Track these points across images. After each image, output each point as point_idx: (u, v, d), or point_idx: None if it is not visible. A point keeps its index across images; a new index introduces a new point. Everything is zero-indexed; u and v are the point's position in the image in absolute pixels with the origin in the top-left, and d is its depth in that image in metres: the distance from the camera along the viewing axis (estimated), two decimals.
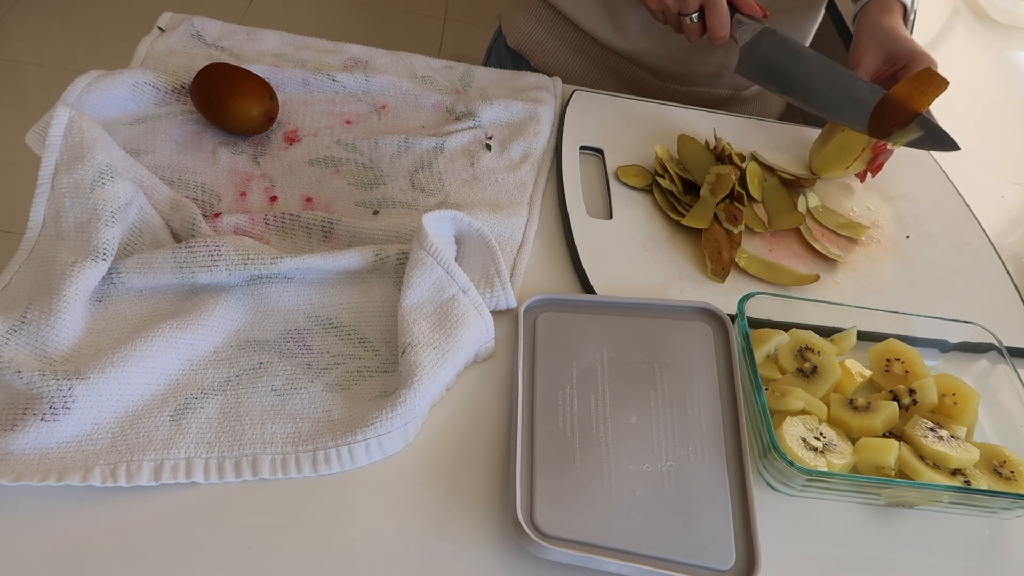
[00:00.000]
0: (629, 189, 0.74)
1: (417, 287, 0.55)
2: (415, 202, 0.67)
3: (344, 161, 0.70)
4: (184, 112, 0.70)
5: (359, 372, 0.55)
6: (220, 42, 0.79)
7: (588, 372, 0.56)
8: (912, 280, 0.72)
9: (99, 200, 0.55)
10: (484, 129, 0.75)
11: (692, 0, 0.72)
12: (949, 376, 0.59)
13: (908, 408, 0.57)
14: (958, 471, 0.54)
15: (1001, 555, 0.54)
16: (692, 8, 0.72)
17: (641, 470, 0.51)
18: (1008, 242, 0.83)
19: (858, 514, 0.54)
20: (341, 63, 0.80)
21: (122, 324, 0.54)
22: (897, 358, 0.61)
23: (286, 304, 0.57)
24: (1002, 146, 0.98)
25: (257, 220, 0.62)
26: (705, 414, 0.55)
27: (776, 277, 0.68)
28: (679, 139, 0.78)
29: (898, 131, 0.72)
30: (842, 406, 0.56)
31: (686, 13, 0.73)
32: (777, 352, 0.61)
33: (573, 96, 0.82)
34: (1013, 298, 0.73)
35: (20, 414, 0.46)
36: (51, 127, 0.57)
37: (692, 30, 0.74)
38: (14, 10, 2.19)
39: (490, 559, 0.47)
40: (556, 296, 0.61)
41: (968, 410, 0.57)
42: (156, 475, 0.47)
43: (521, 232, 0.67)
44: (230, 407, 0.51)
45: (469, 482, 0.51)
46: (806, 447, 0.53)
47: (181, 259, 0.55)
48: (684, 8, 0.72)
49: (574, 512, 0.48)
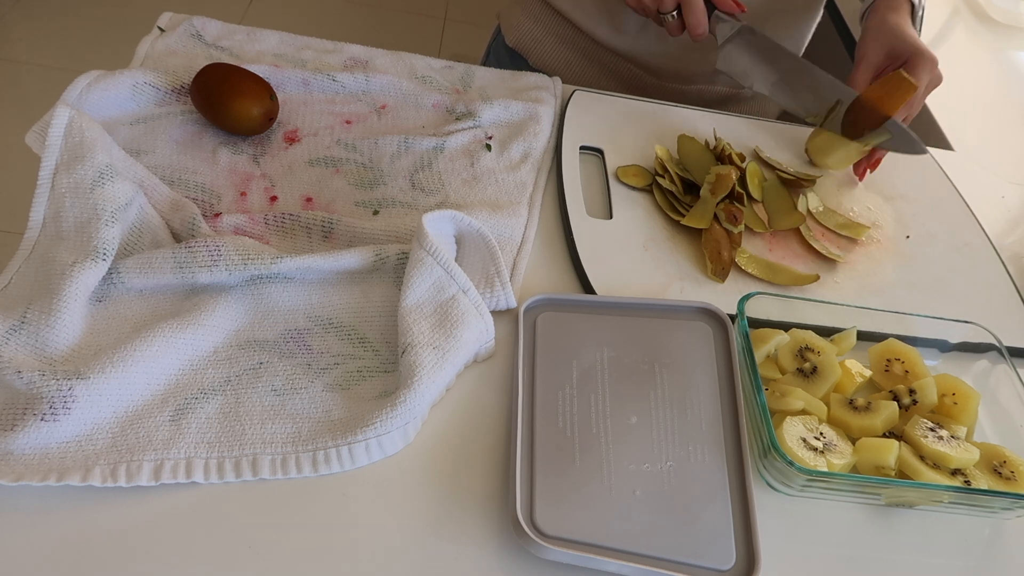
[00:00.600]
0: (629, 189, 0.74)
1: (417, 287, 0.55)
2: (415, 202, 0.67)
3: (344, 161, 0.70)
4: (184, 112, 0.70)
5: (359, 372, 0.55)
6: (220, 42, 0.79)
7: (588, 372, 0.56)
8: (912, 280, 0.72)
9: (99, 200, 0.55)
10: (484, 129, 0.75)
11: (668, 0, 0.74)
12: (949, 376, 0.59)
13: (908, 408, 0.57)
14: (958, 471, 0.54)
15: (1001, 555, 0.54)
16: (668, 7, 0.74)
17: (641, 470, 0.51)
18: (1008, 242, 0.83)
19: (858, 514, 0.54)
20: (341, 63, 0.80)
21: (122, 324, 0.54)
22: (897, 358, 0.61)
23: (286, 304, 0.57)
24: (1002, 146, 0.98)
25: (257, 220, 0.62)
26: (705, 414, 0.55)
27: (776, 277, 0.68)
28: (679, 139, 0.79)
29: (869, 133, 0.74)
30: (842, 406, 0.56)
31: (664, 11, 0.75)
32: (777, 352, 0.61)
33: (573, 96, 0.82)
34: (1013, 298, 0.73)
35: (20, 414, 0.46)
36: (51, 127, 0.57)
37: (672, 26, 0.76)
38: (14, 10, 2.19)
39: (490, 559, 0.47)
40: (556, 296, 0.61)
41: (968, 410, 0.57)
42: (156, 475, 0.47)
43: (521, 232, 0.67)
44: (230, 407, 0.51)
45: (469, 482, 0.51)
46: (806, 447, 0.53)
47: (181, 259, 0.55)
48: (661, 7, 0.74)
49: (574, 512, 0.48)
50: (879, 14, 0.80)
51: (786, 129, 0.87)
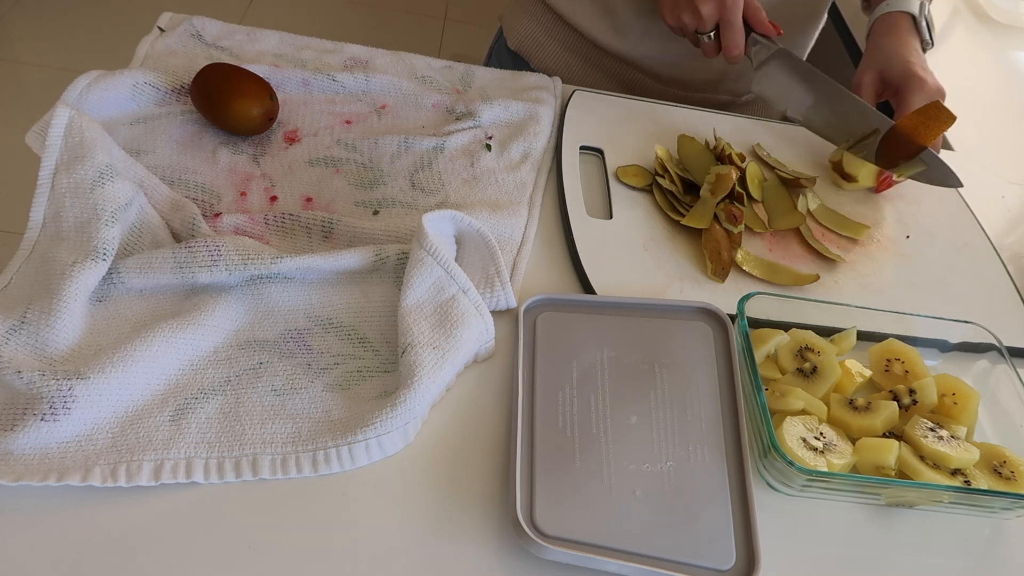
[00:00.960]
0: (629, 189, 0.74)
1: (417, 287, 0.55)
2: (415, 202, 0.67)
3: (344, 161, 0.70)
4: (184, 112, 0.70)
5: (359, 372, 0.55)
6: (220, 42, 0.79)
7: (588, 372, 0.56)
8: (912, 280, 0.72)
9: (99, 200, 0.55)
10: (484, 129, 0.75)
11: (708, 20, 0.73)
12: (949, 376, 0.59)
13: (908, 408, 0.57)
14: (958, 471, 0.54)
15: (1001, 555, 0.54)
16: (708, 27, 0.74)
17: (641, 470, 0.51)
18: (1008, 242, 0.83)
19: (858, 514, 0.54)
20: (341, 63, 0.80)
21: (122, 324, 0.54)
22: (897, 358, 0.61)
23: (286, 304, 0.57)
24: (1002, 146, 0.98)
25: (257, 220, 0.62)
26: (705, 414, 0.55)
27: (776, 277, 0.68)
28: (679, 139, 0.79)
29: (903, 163, 0.73)
30: (842, 406, 0.56)
31: (703, 32, 0.75)
32: (777, 352, 0.61)
33: (573, 96, 0.82)
34: (1013, 298, 0.73)
35: (20, 414, 0.46)
36: (51, 127, 0.57)
37: (708, 47, 0.76)
38: (14, 10, 2.19)
39: (490, 559, 0.47)
40: (556, 296, 0.61)
41: (968, 410, 0.57)
42: (156, 475, 0.47)
43: (521, 232, 0.67)
44: (230, 407, 0.51)
45: (469, 482, 0.51)
46: (806, 447, 0.53)
47: (181, 259, 0.55)
48: (701, 27, 0.74)
49: (574, 512, 0.48)
50: (874, 38, 0.81)
51: (787, 129, 0.87)
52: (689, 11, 0.74)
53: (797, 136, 0.86)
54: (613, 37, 0.91)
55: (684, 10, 0.74)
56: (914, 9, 0.80)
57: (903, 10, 0.80)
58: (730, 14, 0.73)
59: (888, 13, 0.80)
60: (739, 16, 0.73)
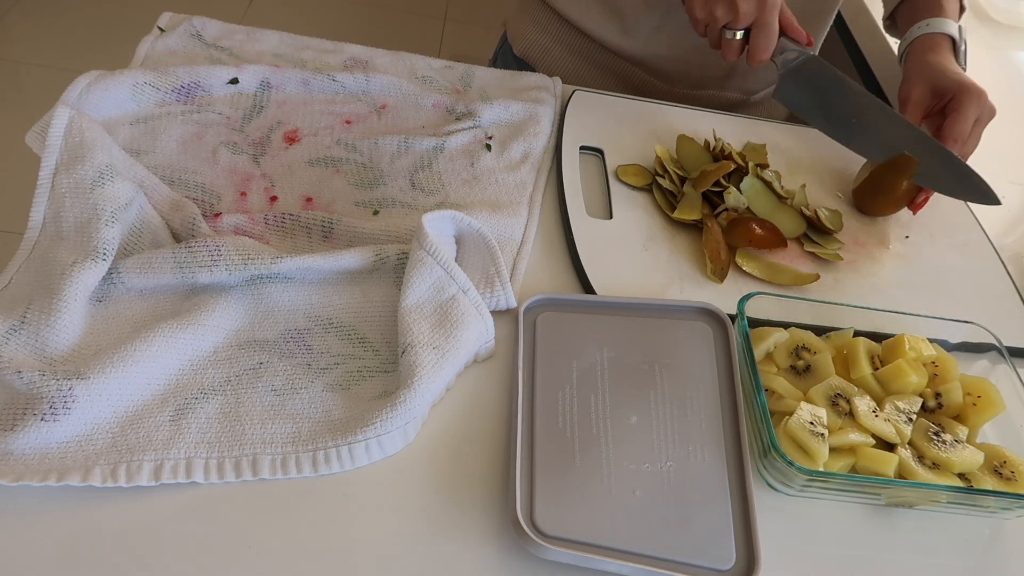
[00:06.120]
0: (629, 189, 0.74)
1: (417, 287, 0.55)
2: (415, 202, 0.67)
3: (344, 161, 0.70)
4: (184, 112, 0.70)
5: (359, 372, 0.55)
6: (220, 42, 0.79)
7: (588, 372, 0.56)
8: (912, 280, 0.72)
9: (99, 200, 0.55)
10: (484, 129, 0.75)
11: (745, 17, 0.68)
12: (978, 378, 0.59)
13: (934, 411, 0.57)
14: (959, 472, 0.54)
15: (1001, 555, 0.54)
16: (741, 24, 0.69)
17: (641, 470, 0.51)
18: (1008, 242, 0.83)
19: (858, 514, 0.54)
20: (341, 63, 0.80)
21: (122, 324, 0.54)
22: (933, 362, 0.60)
23: (286, 304, 0.57)
24: (1002, 146, 0.98)
25: (257, 220, 0.62)
26: (705, 414, 0.55)
27: (776, 277, 0.68)
28: (678, 139, 0.78)
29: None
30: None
31: (734, 28, 0.70)
32: (775, 349, 0.61)
33: (573, 96, 0.82)
34: (1013, 298, 0.73)
35: (20, 414, 0.46)
36: (51, 127, 0.57)
37: (732, 47, 0.71)
38: (14, 10, 2.19)
39: (490, 559, 0.47)
40: (556, 296, 0.61)
41: (984, 416, 0.57)
42: (156, 475, 0.47)
43: (521, 232, 0.67)
44: (230, 407, 0.51)
45: (469, 482, 0.51)
46: (812, 433, 0.52)
47: (181, 259, 0.55)
48: (734, 23, 0.69)
49: (574, 512, 0.48)
50: (916, 55, 0.79)
51: (791, 129, 0.87)
52: (725, 5, 0.68)
53: (798, 136, 0.86)
54: (622, 38, 0.91)
55: (719, 4, 0.69)
56: (954, 32, 0.80)
57: (944, 32, 0.79)
58: (768, 15, 0.68)
59: (929, 34, 0.80)
60: (776, 18, 0.69)
